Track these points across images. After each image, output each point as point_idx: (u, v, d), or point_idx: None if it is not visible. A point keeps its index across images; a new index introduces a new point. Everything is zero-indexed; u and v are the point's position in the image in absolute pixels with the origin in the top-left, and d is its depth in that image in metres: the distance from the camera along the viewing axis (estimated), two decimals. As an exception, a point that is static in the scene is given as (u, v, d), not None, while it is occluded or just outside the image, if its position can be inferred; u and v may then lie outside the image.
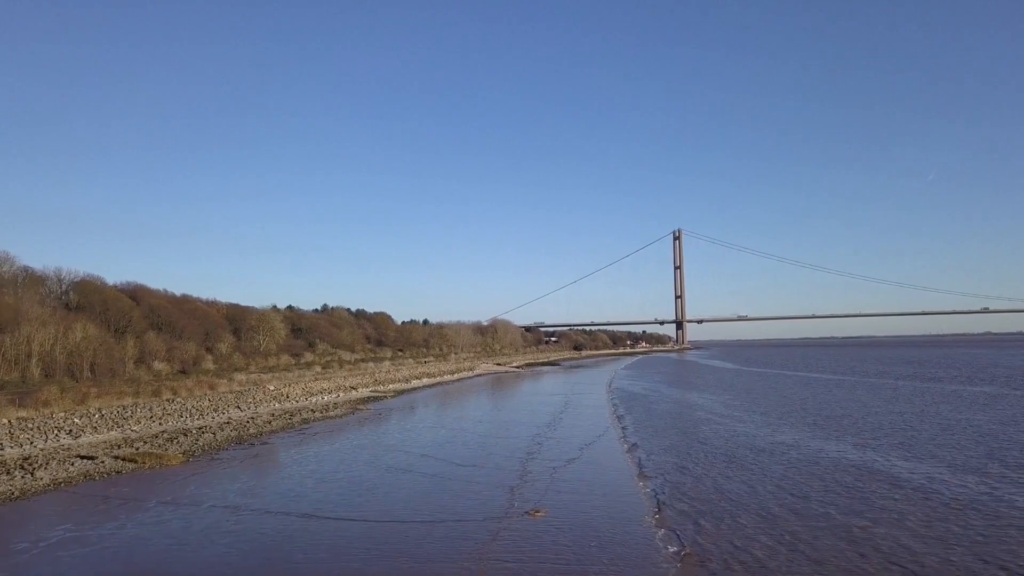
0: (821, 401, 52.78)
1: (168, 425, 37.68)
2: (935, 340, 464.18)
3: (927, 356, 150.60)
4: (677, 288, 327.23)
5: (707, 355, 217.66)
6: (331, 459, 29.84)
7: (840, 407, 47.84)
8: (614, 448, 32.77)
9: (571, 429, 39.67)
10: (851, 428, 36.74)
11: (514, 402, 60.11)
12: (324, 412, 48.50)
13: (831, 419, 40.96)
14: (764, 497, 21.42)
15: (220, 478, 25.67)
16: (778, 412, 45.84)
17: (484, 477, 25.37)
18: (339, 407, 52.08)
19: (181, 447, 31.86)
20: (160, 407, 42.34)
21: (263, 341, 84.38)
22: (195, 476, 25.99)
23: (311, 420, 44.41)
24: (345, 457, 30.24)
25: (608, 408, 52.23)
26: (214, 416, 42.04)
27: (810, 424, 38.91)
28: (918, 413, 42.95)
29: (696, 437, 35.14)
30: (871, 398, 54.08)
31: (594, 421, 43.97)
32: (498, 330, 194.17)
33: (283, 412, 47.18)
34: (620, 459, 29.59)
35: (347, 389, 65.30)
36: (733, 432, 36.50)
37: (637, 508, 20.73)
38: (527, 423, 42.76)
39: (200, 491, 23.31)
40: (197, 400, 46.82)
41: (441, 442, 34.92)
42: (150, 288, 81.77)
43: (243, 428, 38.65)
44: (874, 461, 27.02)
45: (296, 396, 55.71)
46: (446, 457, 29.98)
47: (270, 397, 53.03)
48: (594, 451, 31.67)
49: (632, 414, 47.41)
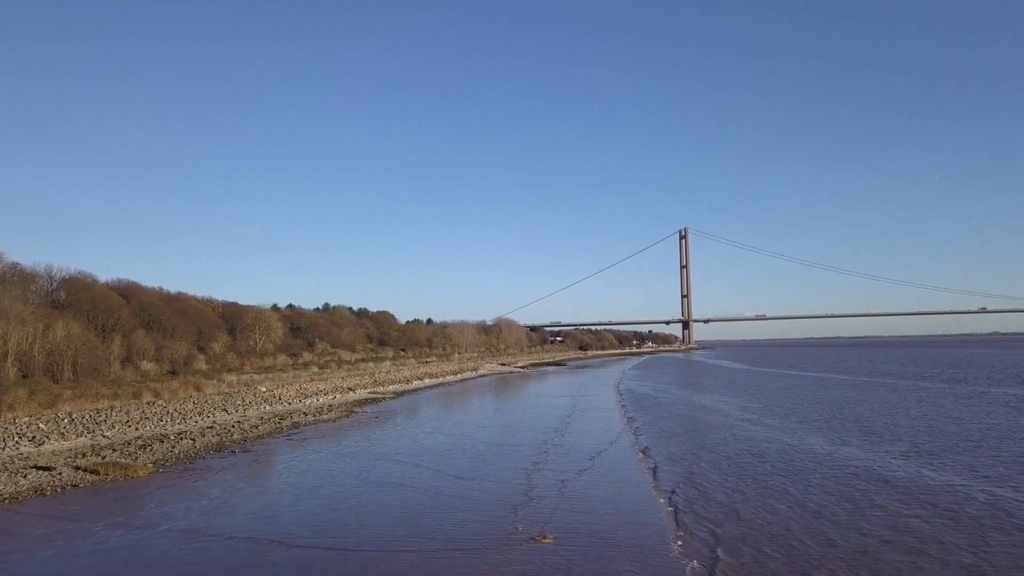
0: (842, 403, 49.79)
1: (145, 430, 34.93)
2: (942, 340, 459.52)
3: (938, 356, 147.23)
4: (683, 287, 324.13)
5: (714, 355, 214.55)
6: (316, 470, 27.03)
7: (865, 410, 44.85)
8: (627, 457, 29.90)
9: (580, 435, 36.81)
10: (885, 434, 33.78)
11: (518, 404, 57.27)
12: (317, 415, 45.72)
13: (859, 424, 38.00)
14: (808, 519, 18.53)
15: (188, 493, 22.88)
16: (800, 416, 42.91)
17: (484, 493, 22.53)
18: (334, 410, 49.30)
19: (154, 455, 29.09)
20: (139, 410, 39.60)
21: (259, 340, 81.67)
22: (160, 490, 23.20)
23: (302, 424, 41.63)
24: (332, 468, 27.42)
25: (618, 411, 49.34)
26: (197, 420, 39.30)
27: (838, 429, 35.96)
28: (954, 418, 39.96)
29: (716, 445, 32.25)
30: (898, 400, 51.02)
31: (604, 426, 41.10)
32: (503, 330, 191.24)
33: (273, 415, 44.41)
34: (635, 470, 26.74)
35: (344, 390, 62.55)
36: (756, 439, 33.58)
37: (659, 532, 17.88)
38: (532, 428, 39.92)
39: (160, 509, 20.51)
40: (181, 403, 44.08)
41: (439, 450, 32.08)
42: (142, 285, 79.09)
43: (227, 433, 35.89)
44: (925, 475, 24.10)
45: (289, 398, 52.96)
46: (443, 468, 27.14)
47: (261, 399, 50.27)
48: (606, 461, 28.81)
49: (644, 418, 44.54)
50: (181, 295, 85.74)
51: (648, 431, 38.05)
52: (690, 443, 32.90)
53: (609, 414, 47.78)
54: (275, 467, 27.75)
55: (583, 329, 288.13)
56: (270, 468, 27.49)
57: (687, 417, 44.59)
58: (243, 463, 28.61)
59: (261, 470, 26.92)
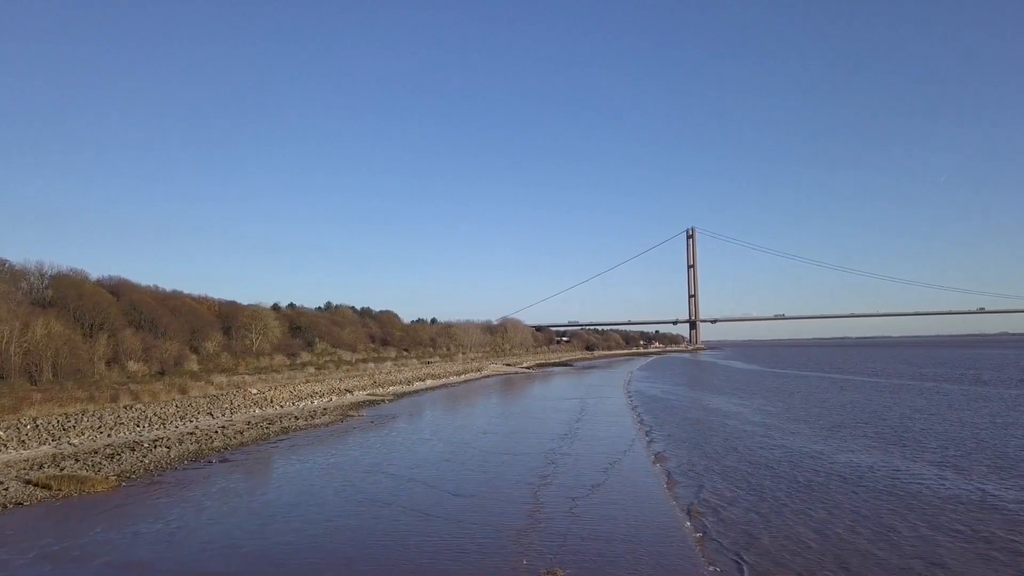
0: (868, 407, 46.72)
1: (118, 437, 32.15)
2: (950, 340, 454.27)
3: (951, 357, 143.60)
4: (690, 287, 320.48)
5: (722, 355, 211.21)
6: (296, 485, 24.17)
7: (896, 415, 41.79)
8: (644, 469, 26.97)
9: (591, 443, 33.87)
10: (926, 443, 30.72)
11: (524, 407, 54.33)
12: (309, 419, 42.91)
13: (896, 432, 34.96)
14: (860, 545, 15.59)
15: (145, 513, 20.03)
16: (826, 421, 39.89)
17: (484, 515, 19.61)
18: (328, 413, 46.48)
19: (120, 466, 26.28)
20: (114, 415, 36.80)
21: (256, 340, 78.95)
22: (115, 510, 20.38)
23: (292, 429, 38.81)
24: (314, 482, 24.53)
25: (629, 415, 46.37)
26: (178, 425, 36.50)
27: (873, 437, 32.93)
28: (996, 424, 36.89)
29: (741, 453, 29.27)
30: (927, 404, 47.88)
31: (616, 431, 38.17)
32: (508, 329, 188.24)
33: (262, 419, 41.60)
34: (654, 484, 23.82)
35: (341, 392, 59.74)
36: (784, 447, 30.59)
37: (689, 566, 14.97)
38: (539, 434, 36.99)
39: (106, 535, 17.67)
40: (162, 406, 41.28)
41: (436, 460, 29.17)
42: (134, 283, 76.56)
43: (207, 440, 33.07)
44: (989, 494, 21.10)
45: (282, 401, 50.15)
46: (438, 483, 24.23)
47: (251, 402, 47.47)
48: (621, 473, 25.88)
49: (658, 423, 41.57)
50: (176, 293, 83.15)
51: (663, 438, 35.11)
52: (711, 452, 29.93)
53: (620, 418, 44.82)
54: (251, 481, 24.89)
55: (589, 329, 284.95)
56: (245, 483, 24.63)
57: (704, 422, 41.62)
58: (217, 475, 25.76)
59: (234, 485, 24.05)
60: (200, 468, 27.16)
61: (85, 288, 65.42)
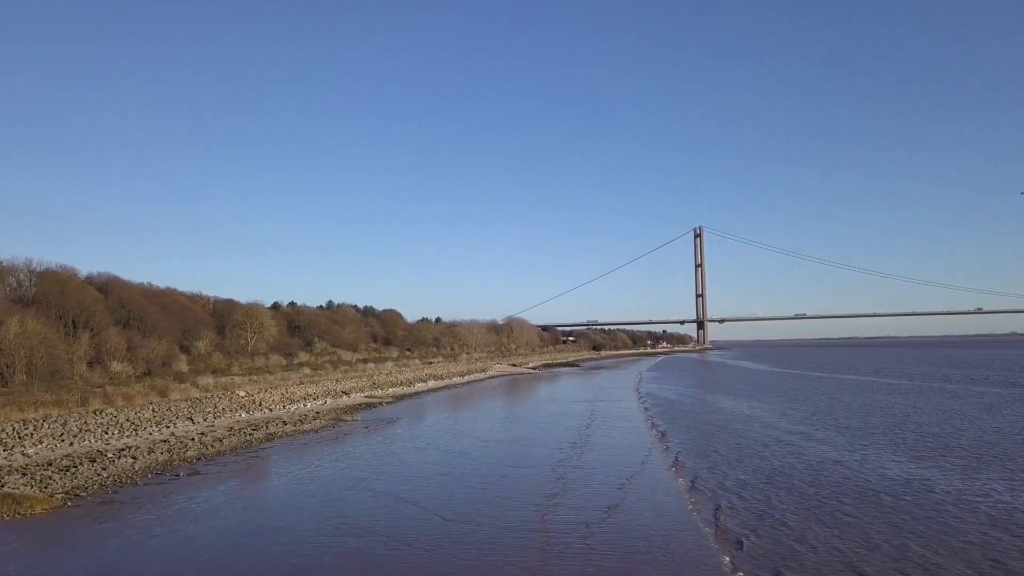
0: (896, 411, 43.36)
1: (81, 446, 29.10)
2: (961, 341, 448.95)
3: (968, 357, 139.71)
4: (698, 287, 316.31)
5: (731, 355, 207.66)
6: (266, 505, 21.08)
7: (929, 420, 38.46)
8: (664, 484, 23.79)
9: (603, 452, 30.68)
10: (978, 453, 27.43)
11: (530, 411, 51.10)
12: (298, 425, 39.84)
13: (937, 440, 31.64)
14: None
15: (77, 544, 16.93)
16: (856, 427, 36.59)
17: (482, 547, 16.44)
18: (320, 417, 43.42)
19: (72, 481, 23.24)
20: (81, 421, 33.77)
21: (251, 339, 75.98)
22: (43, 538, 17.30)
23: (277, 436, 35.75)
24: (287, 503, 21.41)
25: (643, 421, 43.16)
26: (153, 432, 33.46)
27: (912, 445, 29.64)
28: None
29: (772, 466, 26.02)
30: (961, 408, 44.47)
31: (630, 439, 34.98)
32: (514, 329, 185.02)
33: (247, 425, 38.55)
34: (677, 505, 20.63)
35: (337, 395, 56.67)
36: (821, 460, 27.30)
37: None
38: (546, 443, 33.81)
39: (18, 571, 14.57)
40: (138, 410, 38.24)
41: (430, 474, 26.01)
42: (124, 280, 73.67)
43: (181, 449, 30.02)
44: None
45: (271, 404, 47.10)
46: (431, 503, 21.05)
47: (237, 405, 44.41)
48: (639, 490, 22.70)
49: (675, 429, 38.35)
50: (169, 290, 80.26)
51: (682, 447, 31.89)
52: (737, 464, 26.71)
53: (633, 424, 41.63)
54: (216, 501, 21.76)
55: (596, 329, 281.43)
56: (208, 503, 21.50)
57: (724, 428, 38.37)
58: (180, 492, 22.67)
59: (195, 506, 20.91)
60: (164, 483, 24.08)
61: (71, 285, 62.58)
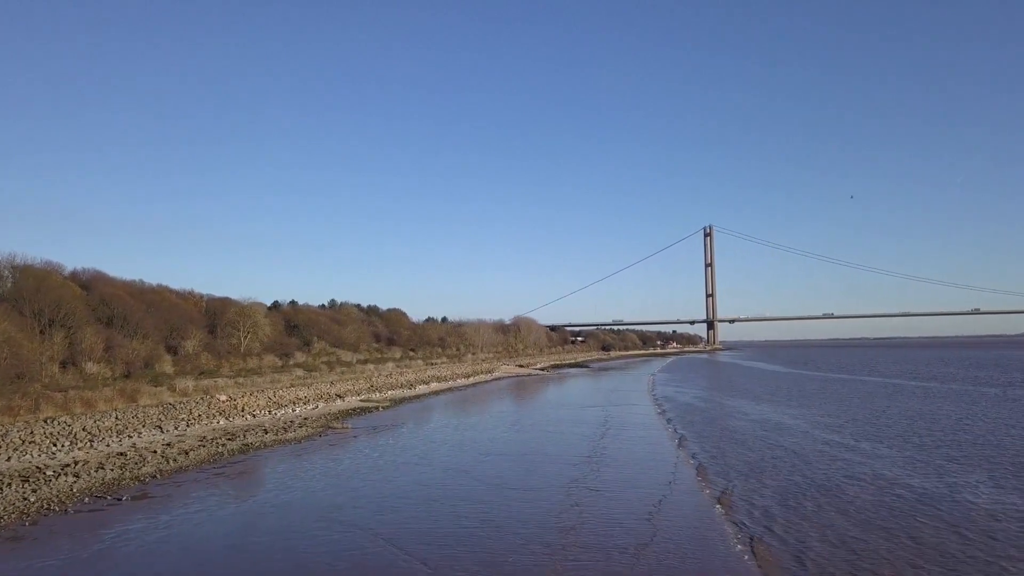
0: (946, 419, 38.98)
1: (19, 461, 25.13)
2: (971, 341, 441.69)
3: (991, 358, 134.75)
4: (708, 286, 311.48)
5: (743, 356, 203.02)
6: (206, 544, 17.03)
7: (986, 430, 34.16)
8: (701, 513, 19.62)
9: (623, 470, 26.56)
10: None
11: (538, 418, 46.87)
12: (281, 433, 35.86)
13: (994, 450, 27.37)
14: None
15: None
16: (904, 438, 32.29)
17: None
18: (307, 424, 39.43)
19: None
20: (27, 431, 29.81)
21: (244, 339, 72.08)
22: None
23: (254, 447, 31.79)
24: (235, 540, 17.32)
25: (663, 429, 38.99)
26: (111, 443, 29.51)
27: (980, 460, 25.37)
28: None
29: (823, 488, 21.79)
30: (1009, 416, 40.13)
31: (652, 452, 30.86)
32: (521, 329, 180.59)
33: (222, 434, 34.58)
34: (721, 540, 16.49)
35: (331, 398, 52.67)
36: (879, 479, 23.06)
37: None
38: (557, 457, 29.70)
39: None
40: (98, 418, 34.26)
41: (419, 498, 21.90)
42: (110, 276, 69.87)
43: (137, 464, 26.05)
44: None
45: (255, 409, 43.12)
46: (413, 542, 16.91)
47: (217, 411, 40.45)
48: (672, 521, 18.56)
49: (701, 440, 34.16)
50: (161, 287, 76.46)
51: (714, 461, 27.75)
52: (781, 483, 22.53)
53: (653, 433, 37.47)
54: (148, 538, 17.70)
55: (605, 329, 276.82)
56: (139, 539, 17.46)
57: (756, 439, 34.15)
58: (112, 524, 18.64)
59: (121, 545, 16.87)
60: (100, 509, 20.10)
61: (50, 281, 58.75)
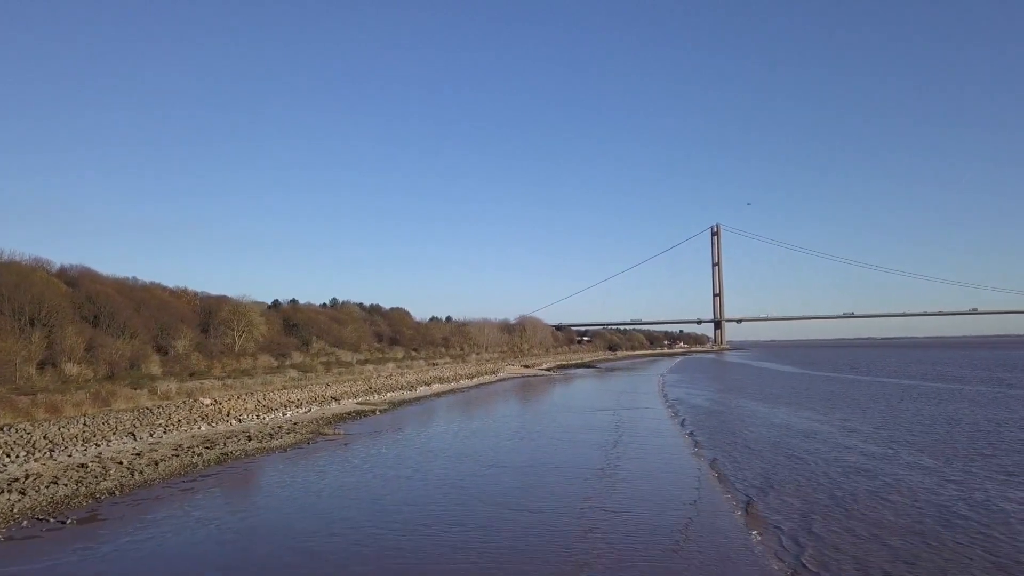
0: (983, 425, 35.96)
1: (-38, 475, 22.38)
2: (981, 341, 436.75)
3: (1001, 358, 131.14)
4: (715, 286, 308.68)
5: (752, 356, 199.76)
6: None
7: None
8: (737, 541, 16.66)
9: (641, 485, 23.61)
10: None
11: (545, 423, 43.83)
12: (266, 440, 33.04)
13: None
14: None
15: None
16: (942, 445, 29.27)
17: None
18: (296, 430, 36.64)
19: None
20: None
21: (239, 338, 69.34)
22: None
23: (234, 456, 28.99)
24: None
25: (680, 436, 36.01)
26: (74, 452, 26.72)
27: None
28: None
29: (868, 506, 18.82)
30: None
31: (671, 463, 27.94)
32: (527, 328, 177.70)
33: (201, 441, 31.79)
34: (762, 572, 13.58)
35: (325, 401, 49.88)
36: (930, 495, 20.09)
37: None
38: (567, 470, 26.78)
39: None
40: (64, 425, 31.46)
41: (408, 522, 18.95)
42: (99, 273, 67.19)
43: (97, 478, 23.25)
44: None
45: (242, 413, 40.32)
46: None
47: (198, 416, 37.65)
48: (703, 550, 15.65)
49: (723, 449, 31.18)
50: (154, 284, 73.83)
51: (740, 474, 24.84)
52: (822, 501, 19.56)
53: (670, 441, 34.51)
54: (83, 570, 14.91)
55: (611, 329, 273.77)
56: (73, 573, 14.65)
57: (784, 448, 31.17)
58: (38, 557, 15.80)
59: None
60: (32, 537, 17.27)
61: (33, 277, 56.09)
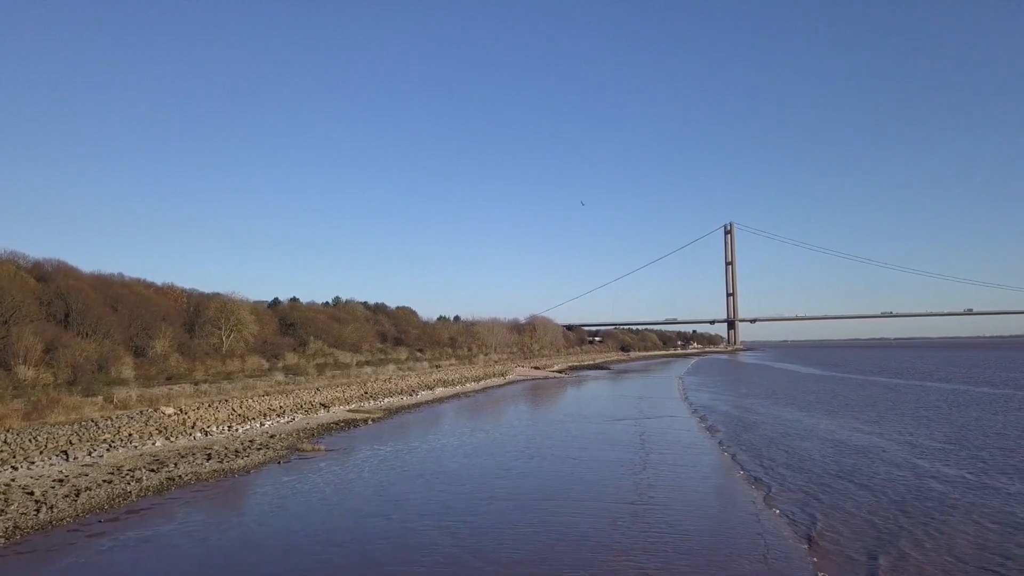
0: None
1: None
2: (1000, 342, 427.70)
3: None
4: (729, 285, 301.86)
5: (768, 357, 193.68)
6: None
7: None
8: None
9: (687, 526, 18.27)
10: None
11: (559, 436, 38.29)
12: (228, 460, 27.92)
13: None
14: None
15: None
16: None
17: None
18: (270, 445, 31.54)
19: None
20: None
21: (227, 338, 64.38)
22: None
23: (182, 481, 23.93)
24: None
25: (717, 453, 30.60)
26: (-19, 478, 21.70)
27: None
28: None
29: (985, 548, 13.55)
30: None
31: (715, 491, 22.67)
32: (537, 329, 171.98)
33: (149, 461, 26.72)
34: None
35: (313, 408, 44.74)
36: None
37: None
38: (589, 503, 21.42)
39: None
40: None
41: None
42: (77, 269, 62.43)
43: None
44: None
45: (211, 424, 35.22)
46: None
47: (156, 428, 32.55)
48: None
49: (773, 472, 25.75)
50: (133, 280, 68.88)
51: (804, 507, 19.51)
52: (925, 553, 14.26)
53: (708, 459, 29.14)
54: None
55: (624, 329, 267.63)
56: None
57: (845, 470, 25.75)
58: None
59: None
60: None
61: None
